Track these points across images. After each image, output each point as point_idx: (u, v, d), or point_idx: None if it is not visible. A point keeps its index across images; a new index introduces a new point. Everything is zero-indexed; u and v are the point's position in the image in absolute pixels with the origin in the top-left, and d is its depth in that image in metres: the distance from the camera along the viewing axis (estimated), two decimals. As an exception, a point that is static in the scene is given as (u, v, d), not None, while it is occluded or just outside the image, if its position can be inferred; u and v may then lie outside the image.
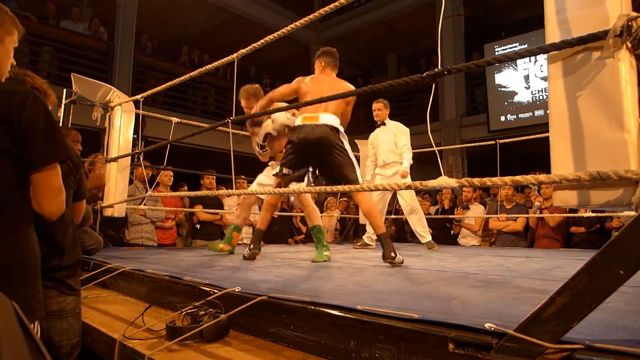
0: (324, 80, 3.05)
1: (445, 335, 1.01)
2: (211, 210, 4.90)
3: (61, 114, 3.76)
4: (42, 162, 1.13)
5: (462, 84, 9.26)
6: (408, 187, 1.42)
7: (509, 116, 8.47)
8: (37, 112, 1.12)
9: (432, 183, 1.34)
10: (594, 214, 4.15)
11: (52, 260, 1.54)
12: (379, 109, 4.60)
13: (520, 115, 8.35)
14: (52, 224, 1.42)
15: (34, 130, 1.11)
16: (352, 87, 2.99)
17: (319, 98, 2.26)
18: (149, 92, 3.32)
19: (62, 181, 1.20)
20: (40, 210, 1.16)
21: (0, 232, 1.09)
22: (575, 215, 4.34)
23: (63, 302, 1.59)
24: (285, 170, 2.85)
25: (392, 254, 2.71)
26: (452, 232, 5.65)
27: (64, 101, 3.78)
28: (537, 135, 4.04)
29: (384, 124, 4.65)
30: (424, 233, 4.42)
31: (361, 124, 10.53)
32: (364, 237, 4.64)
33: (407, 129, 4.64)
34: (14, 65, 1.28)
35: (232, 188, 3.57)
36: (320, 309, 1.31)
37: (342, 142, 2.86)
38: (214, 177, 5.29)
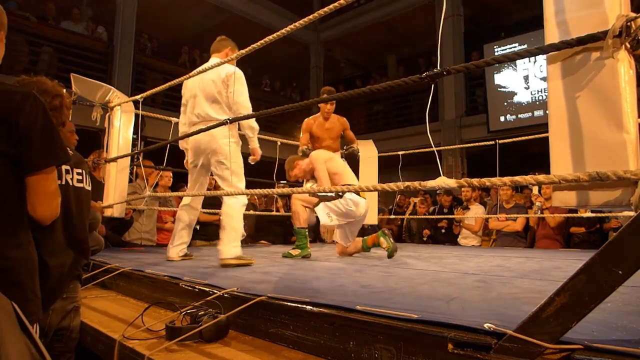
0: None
1: (445, 335, 1.01)
2: (210, 211, 4.89)
3: (61, 114, 3.76)
4: (39, 165, 1.12)
5: (461, 85, 9.27)
6: (407, 187, 1.42)
7: (508, 116, 8.48)
8: (36, 115, 1.10)
9: (431, 183, 1.34)
10: (593, 215, 4.15)
11: (83, 256, 1.62)
12: None
13: (519, 116, 8.35)
14: (82, 222, 1.57)
15: (32, 133, 1.09)
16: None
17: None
18: (148, 93, 3.31)
19: None
20: (34, 214, 1.14)
21: None
22: (575, 215, 4.35)
23: (81, 299, 1.70)
24: None
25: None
26: (443, 230, 5.68)
27: (63, 101, 3.77)
28: (537, 136, 4.04)
29: None
30: None
31: (361, 124, 10.54)
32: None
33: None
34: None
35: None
36: (320, 309, 1.31)
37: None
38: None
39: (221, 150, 2.89)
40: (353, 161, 4.35)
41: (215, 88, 2.94)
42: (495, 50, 8.67)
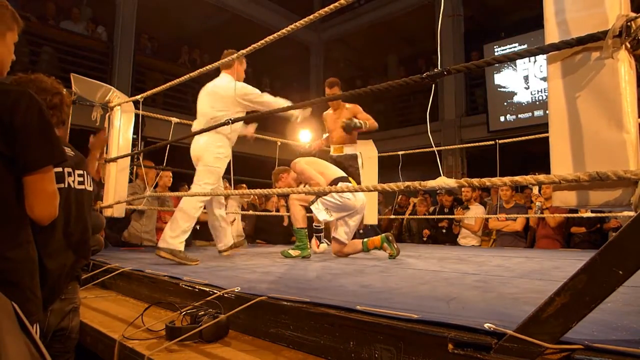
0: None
1: (445, 335, 1.01)
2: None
3: (61, 114, 3.76)
4: (35, 165, 1.10)
5: (461, 85, 9.27)
6: (407, 187, 1.42)
7: (508, 116, 8.47)
8: (32, 113, 1.09)
9: (431, 183, 1.34)
10: (594, 215, 4.15)
11: (83, 257, 1.64)
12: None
13: (519, 116, 8.35)
14: (82, 224, 1.58)
15: (27, 132, 1.08)
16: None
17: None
18: (148, 93, 3.31)
19: None
20: (32, 214, 1.13)
21: None
22: (576, 215, 4.34)
23: (80, 298, 1.69)
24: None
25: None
26: (443, 230, 5.68)
27: (63, 101, 3.77)
28: (537, 136, 4.04)
29: None
30: None
31: (361, 124, 10.51)
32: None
33: None
34: (13, 61, 1.27)
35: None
36: (320, 309, 1.31)
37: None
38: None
39: (202, 157, 3.22)
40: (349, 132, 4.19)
41: (210, 114, 3.23)
42: (495, 50, 8.66)
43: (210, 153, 3.20)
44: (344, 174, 3.57)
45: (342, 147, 4.21)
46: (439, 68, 1.38)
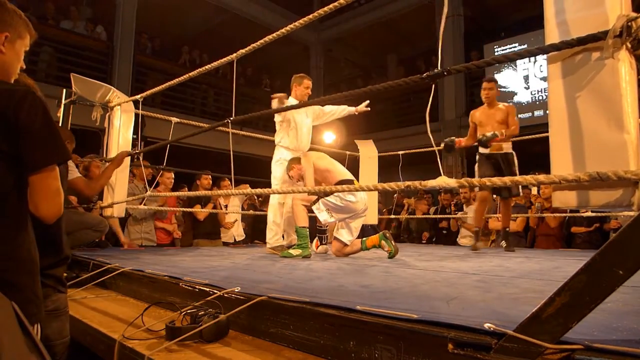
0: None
1: (445, 335, 1.01)
2: (209, 210, 4.90)
3: (61, 114, 3.76)
4: (39, 164, 1.11)
5: (461, 85, 9.27)
6: (407, 187, 1.42)
7: (508, 116, 8.48)
8: (36, 112, 1.10)
9: (431, 183, 1.34)
10: (594, 214, 4.15)
11: (50, 257, 1.49)
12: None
13: (519, 116, 8.34)
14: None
15: (31, 131, 1.09)
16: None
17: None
18: (148, 93, 3.32)
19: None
20: (37, 213, 1.13)
21: None
22: (576, 215, 4.34)
23: (58, 301, 1.54)
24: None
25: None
26: (444, 231, 5.69)
27: (63, 101, 3.78)
28: (537, 136, 4.04)
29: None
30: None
31: (361, 124, 10.56)
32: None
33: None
34: (22, 69, 1.27)
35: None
36: (320, 309, 1.31)
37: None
38: (211, 177, 5.27)
39: (272, 167, 3.91)
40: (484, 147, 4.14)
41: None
42: (495, 50, 8.68)
43: (274, 164, 3.89)
44: (350, 177, 3.56)
45: (502, 145, 4.05)
46: (439, 68, 1.38)
